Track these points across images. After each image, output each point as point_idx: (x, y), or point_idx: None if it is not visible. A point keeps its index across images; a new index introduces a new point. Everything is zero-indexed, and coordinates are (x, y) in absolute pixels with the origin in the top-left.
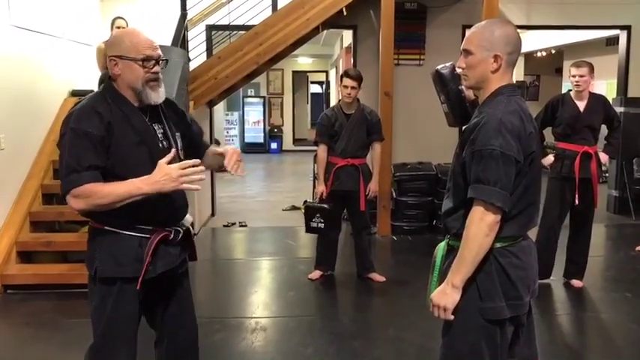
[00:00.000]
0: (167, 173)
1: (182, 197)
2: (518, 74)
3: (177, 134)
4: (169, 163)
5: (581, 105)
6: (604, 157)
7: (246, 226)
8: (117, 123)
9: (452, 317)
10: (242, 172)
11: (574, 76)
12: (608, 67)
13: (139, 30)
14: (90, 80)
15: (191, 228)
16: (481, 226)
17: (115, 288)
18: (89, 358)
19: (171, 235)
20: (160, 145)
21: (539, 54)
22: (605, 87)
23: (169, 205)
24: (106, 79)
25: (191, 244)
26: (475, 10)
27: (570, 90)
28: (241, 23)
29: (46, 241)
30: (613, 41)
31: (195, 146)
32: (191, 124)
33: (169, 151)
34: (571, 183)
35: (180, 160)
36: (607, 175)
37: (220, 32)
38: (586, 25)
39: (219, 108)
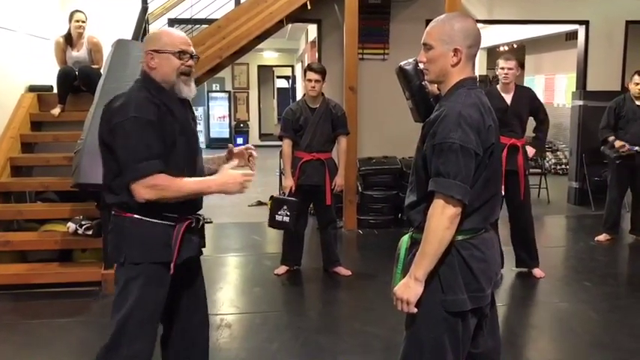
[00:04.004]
0: (234, 178)
1: None
2: (480, 69)
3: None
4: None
5: (508, 98)
6: (531, 151)
7: (211, 222)
8: (164, 113)
9: (415, 310)
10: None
11: (502, 69)
12: (568, 61)
13: (175, 29)
14: (48, 75)
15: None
16: (442, 219)
17: (144, 271)
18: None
19: (194, 223)
20: (195, 135)
21: (501, 48)
22: (566, 81)
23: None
24: (141, 74)
25: (204, 233)
26: (438, 5)
27: (498, 82)
28: (203, 17)
29: (4, 240)
30: (572, 36)
31: None
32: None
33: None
34: None
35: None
36: (568, 167)
37: (182, 26)
38: (546, 19)
39: None
